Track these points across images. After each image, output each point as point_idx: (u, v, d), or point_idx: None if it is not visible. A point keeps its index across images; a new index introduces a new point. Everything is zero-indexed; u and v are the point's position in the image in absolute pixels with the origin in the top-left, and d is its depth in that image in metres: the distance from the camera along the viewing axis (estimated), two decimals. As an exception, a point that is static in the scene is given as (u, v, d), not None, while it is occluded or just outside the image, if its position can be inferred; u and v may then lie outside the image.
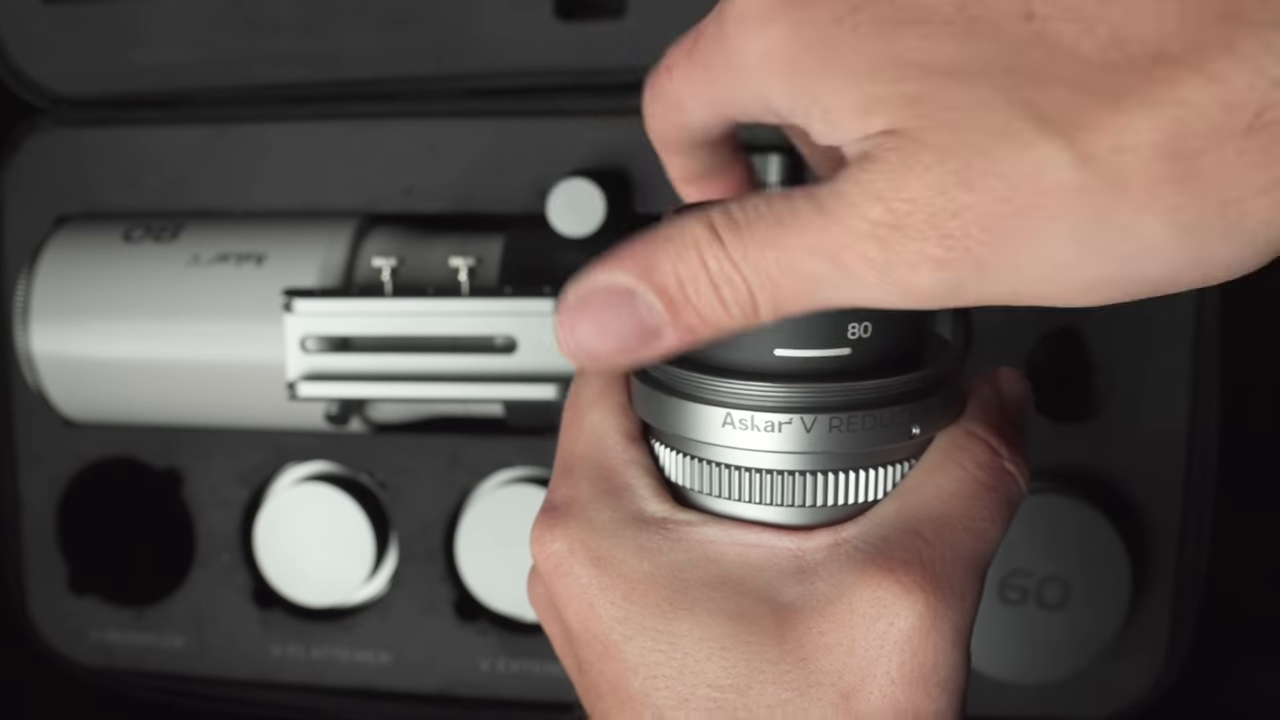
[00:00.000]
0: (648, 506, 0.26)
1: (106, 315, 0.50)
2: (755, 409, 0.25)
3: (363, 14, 0.51)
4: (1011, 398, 0.29)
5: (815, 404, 0.25)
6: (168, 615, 0.55)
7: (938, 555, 0.25)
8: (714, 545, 0.25)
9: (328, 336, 0.47)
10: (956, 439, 0.26)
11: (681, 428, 0.26)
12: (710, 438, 0.26)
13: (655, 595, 0.25)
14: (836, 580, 0.24)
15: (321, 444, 0.52)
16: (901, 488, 0.26)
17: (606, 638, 0.25)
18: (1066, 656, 0.48)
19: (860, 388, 0.25)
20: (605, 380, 0.29)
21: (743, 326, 0.23)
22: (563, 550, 0.26)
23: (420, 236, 0.51)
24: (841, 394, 0.25)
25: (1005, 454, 0.26)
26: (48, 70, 0.54)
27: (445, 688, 0.53)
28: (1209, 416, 0.48)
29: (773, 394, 0.25)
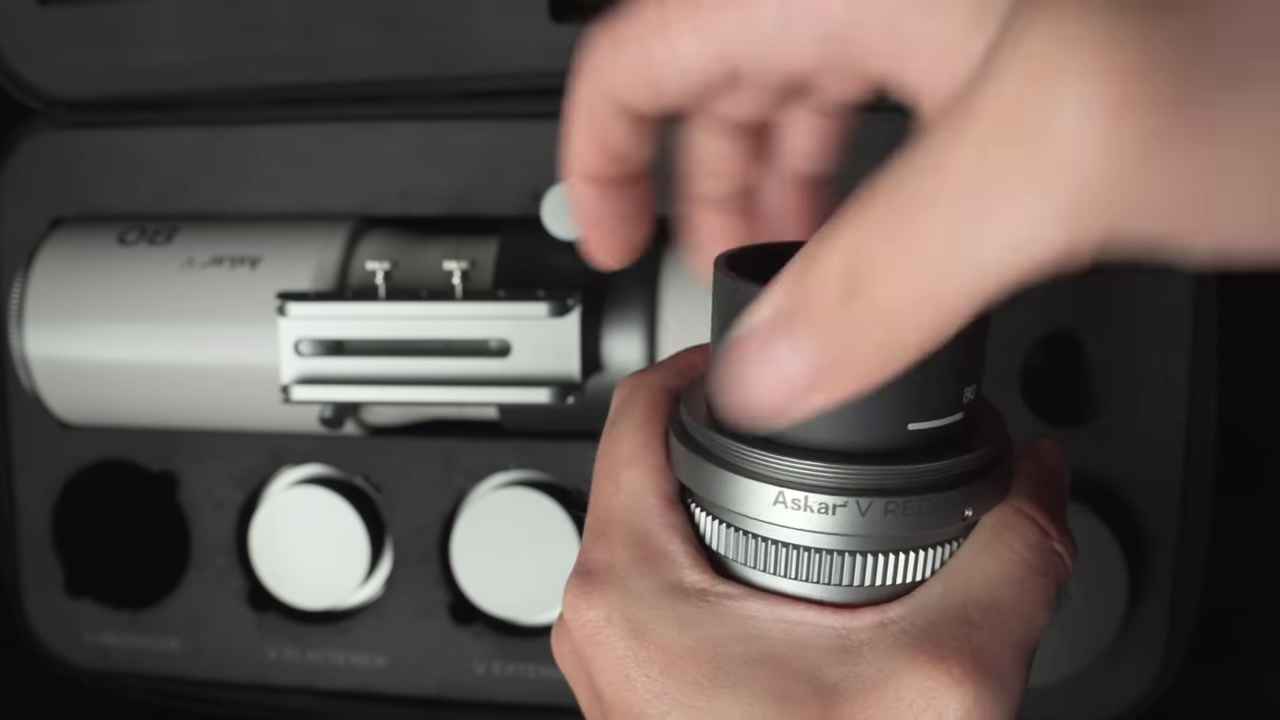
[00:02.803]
0: (687, 576, 0.25)
1: (101, 318, 0.50)
2: (810, 489, 0.24)
3: (357, 16, 0.51)
4: (1053, 469, 0.28)
5: (872, 487, 0.24)
6: (163, 618, 0.55)
7: (987, 643, 0.23)
8: (757, 621, 0.24)
9: (321, 340, 0.47)
10: (1005, 518, 0.25)
11: (728, 500, 0.25)
12: (759, 514, 0.24)
13: (695, 670, 0.24)
14: (883, 664, 0.23)
15: (316, 447, 0.52)
16: (949, 567, 0.25)
17: (642, 712, 0.24)
18: (1063, 660, 0.48)
19: (918, 471, 0.24)
20: (643, 436, 0.27)
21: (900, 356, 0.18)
22: (599, 619, 0.25)
23: (415, 239, 0.51)
24: (898, 477, 0.24)
25: (1054, 533, 0.25)
26: (43, 72, 0.54)
27: (440, 691, 0.53)
28: (1206, 420, 0.48)
29: (829, 475, 0.24)
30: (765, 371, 0.19)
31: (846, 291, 0.18)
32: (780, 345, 0.19)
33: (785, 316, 0.19)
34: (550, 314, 0.45)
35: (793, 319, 0.18)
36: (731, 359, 0.19)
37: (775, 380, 0.19)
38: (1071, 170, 0.15)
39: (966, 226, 0.16)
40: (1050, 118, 0.15)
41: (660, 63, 0.23)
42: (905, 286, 0.17)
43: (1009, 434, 0.27)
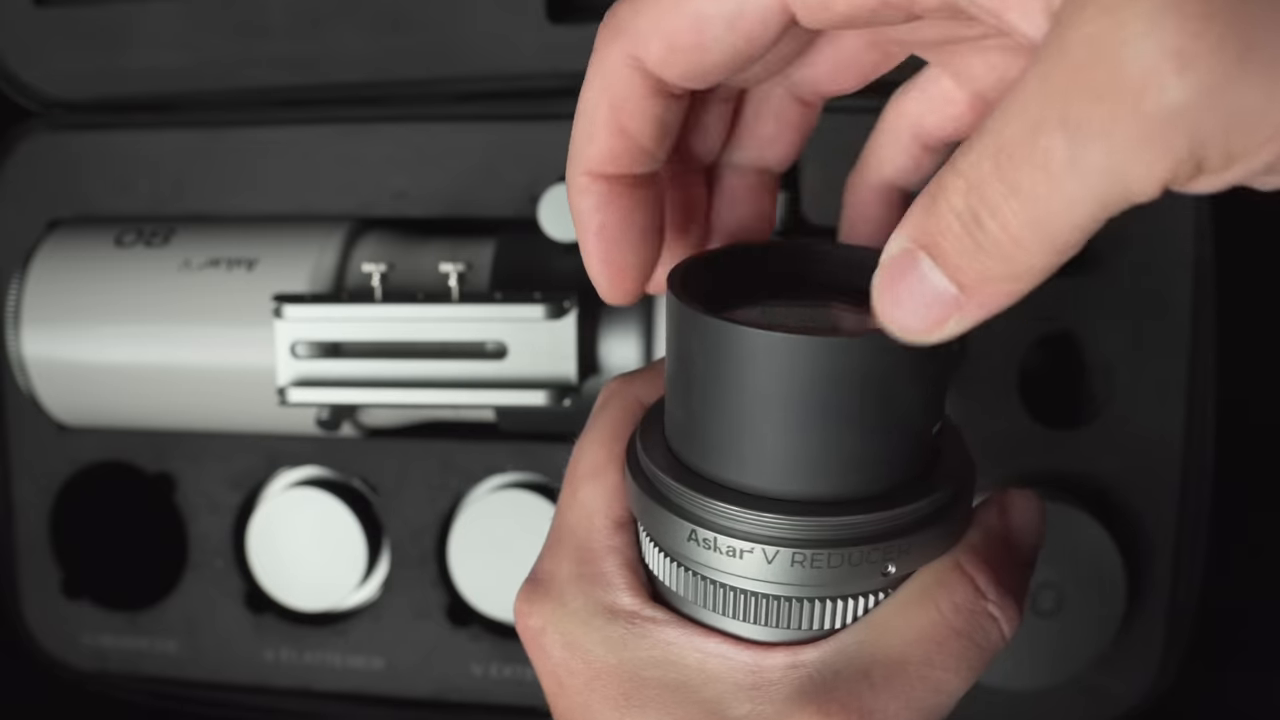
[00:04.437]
0: (620, 599, 0.26)
1: (98, 320, 0.50)
2: (718, 531, 0.24)
3: (354, 18, 0.51)
4: (1020, 527, 0.26)
5: (779, 537, 0.23)
6: (161, 620, 0.55)
7: (880, 705, 0.23)
8: (675, 648, 0.25)
9: (318, 342, 0.47)
10: (941, 573, 0.24)
11: (653, 530, 0.25)
12: (677, 547, 0.25)
13: (614, 689, 0.25)
14: (781, 706, 0.23)
15: (313, 449, 0.52)
16: (872, 617, 0.24)
17: (569, 715, 0.26)
18: (1060, 663, 0.47)
19: (831, 524, 0.23)
20: (606, 452, 0.27)
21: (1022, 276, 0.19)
22: (537, 627, 0.26)
23: (411, 241, 0.51)
24: (810, 529, 0.23)
25: (992, 595, 0.24)
26: (40, 74, 0.54)
27: (438, 693, 0.53)
28: (1205, 422, 0.48)
29: (737, 519, 0.23)
30: (909, 294, 0.20)
31: (967, 228, 0.18)
32: (915, 274, 0.20)
33: (912, 253, 0.20)
34: (547, 316, 0.45)
35: (918, 255, 0.20)
36: (881, 283, 0.20)
37: (920, 302, 0.20)
38: (1149, 104, 0.16)
39: (1064, 165, 0.17)
40: (1126, 60, 0.16)
41: (709, 9, 0.22)
42: (1019, 222, 0.18)
43: (968, 481, 0.25)
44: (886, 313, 0.20)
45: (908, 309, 0.20)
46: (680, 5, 0.22)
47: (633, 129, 0.24)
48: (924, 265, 0.19)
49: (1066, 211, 0.18)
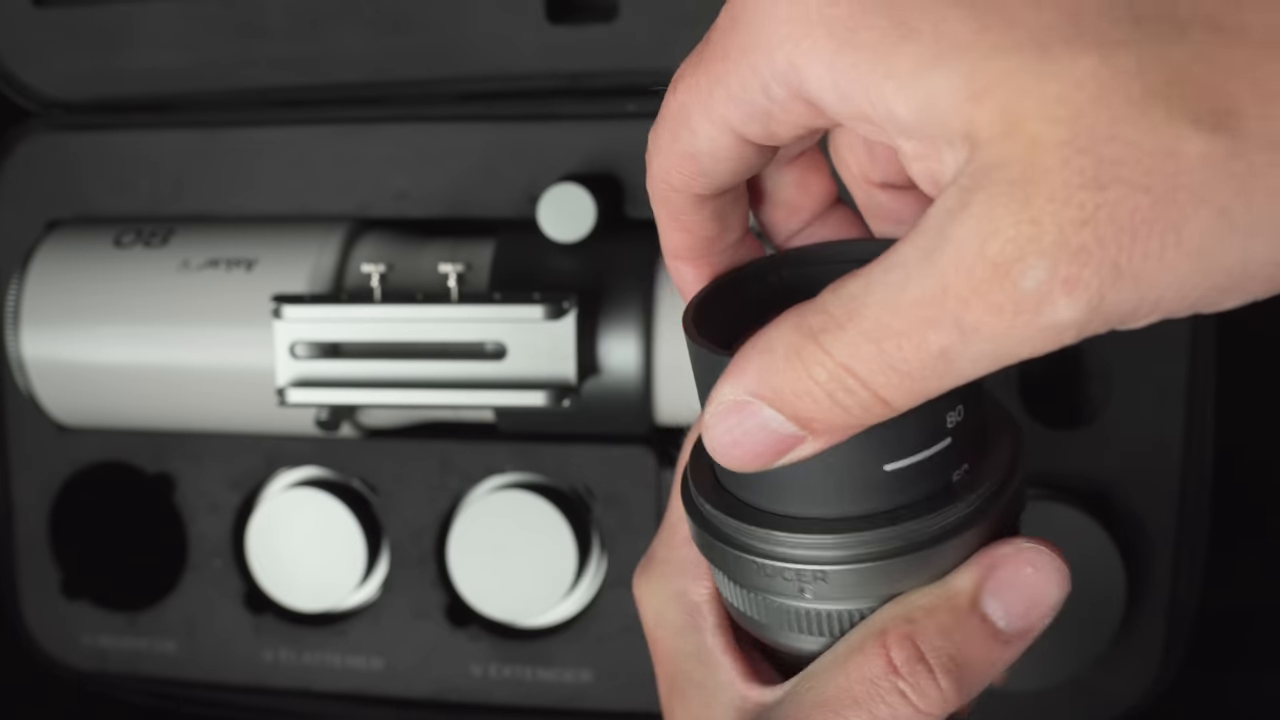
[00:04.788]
0: (692, 589, 0.28)
1: (97, 320, 0.50)
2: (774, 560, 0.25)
3: (353, 18, 0.51)
4: (1012, 595, 0.24)
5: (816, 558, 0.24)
6: (160, 620, 0.55)
7: None
8: (710, 654, 0.27)
9: (317, 342, 0.47)
10: (864, 636, 0.24)
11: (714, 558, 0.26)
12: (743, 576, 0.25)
13: (668, 666, 0.28)
14: None
15: (313, 449, 0.52)
16: (813, 665, 0.25)
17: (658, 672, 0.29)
18: (1060, 664, 0.47)
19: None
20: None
21: (882, 420, 0.21)
22: (639, 597, 0.29)
23: (411, 241, 0.51)
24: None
25: (906, 673, 0.23)
26: (39, 74, 0.54)
27: (437, 693, 0.53)
28: (1204, 423, 0.48)
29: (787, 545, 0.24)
30: (748, 438, 0.21)
31: (830, 394, 0.20)
32: (756, 421, 0.21)
33: (751, 405, 0.21)
34: (546, 316, 0.45)
35: (759, 406, 0.21)
36: (714, 425, 0.22)
37: (761, 445, 0.21)
38: (1044, 320, 0.18)
39: (952, 355, 0.19)
40: (1023, 280, 0.18)
41: (691, 148, 0.23)
42: (893, 393, 0.20)
43: (942, 516, 0.23)
44: (721, 452, 0.22)
45: (745, 450, 0.21)
46: (674, 146, 0.23)
47: (693, 226, 0.25)
48: (766, 413, 0.21)
49: (941, 385, 0.20)
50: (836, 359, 0.20)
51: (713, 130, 0.22)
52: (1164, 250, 0.18)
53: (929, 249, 0.19)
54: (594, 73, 0.50)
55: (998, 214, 0.18)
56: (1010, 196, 0.18)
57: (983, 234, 0.18)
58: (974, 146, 0.18)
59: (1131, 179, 0.17)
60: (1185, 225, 0.17)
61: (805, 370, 0.20)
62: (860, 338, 0.19)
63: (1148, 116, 0.17)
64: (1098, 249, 0.18)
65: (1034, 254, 0.18)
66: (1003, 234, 0.18)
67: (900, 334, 0.19)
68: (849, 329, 0.20)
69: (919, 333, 0.19)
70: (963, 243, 0.18)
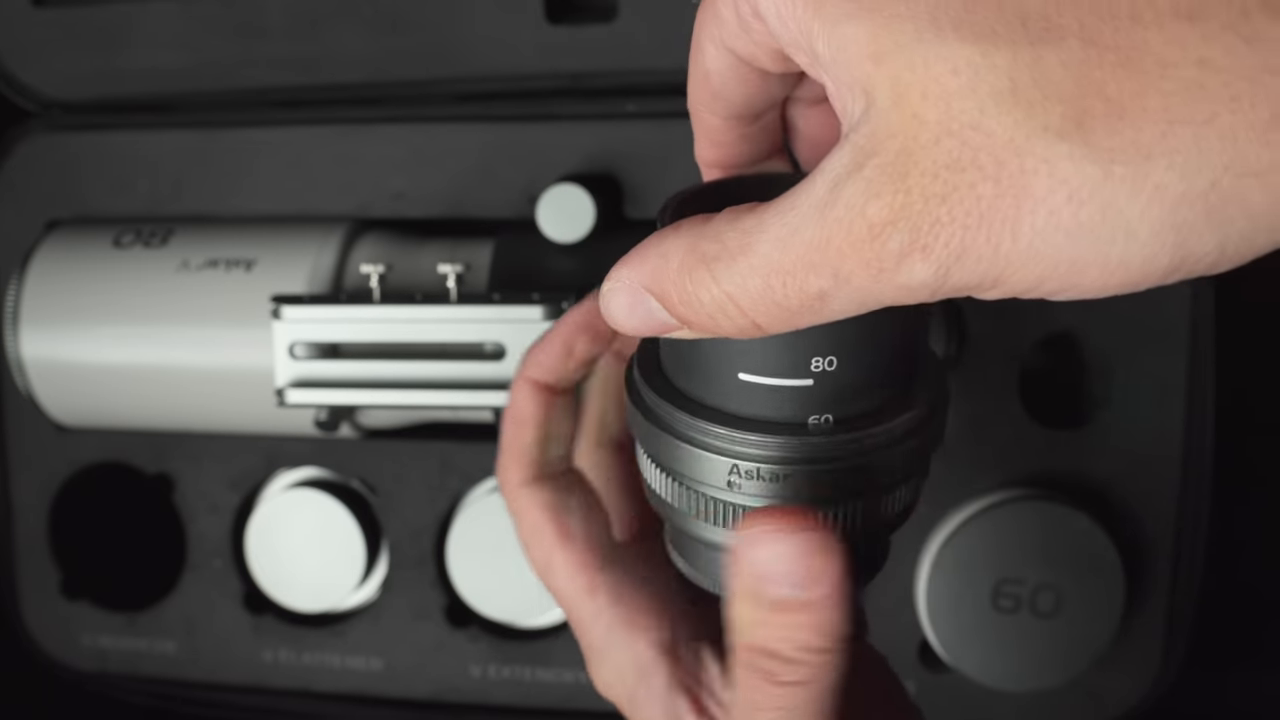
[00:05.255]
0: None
1: (96, 320, 0.50)
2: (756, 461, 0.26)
3: (353, 18, 0.51)
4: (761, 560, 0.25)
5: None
6: (160, 620, 0.55)
7: None
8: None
9: (316, 343, 0.47)
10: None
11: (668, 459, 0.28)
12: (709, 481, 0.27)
13: None
14: None
15: (312, 450, 0.52)
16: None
17: None
18: (1059, 665, 0.47)
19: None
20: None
21: (752, 337, 0.23)
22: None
23: (410, 242, 0.51)
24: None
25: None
26: (38, 74, 0.54)
27: (436, 694, 0.53)
28: (1204, 422, 0.48)
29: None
30: (636, 316, 0.24)
31: (711, 315, 0.23)
32: (643, 307, 0.24)
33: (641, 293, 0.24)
34: (545, 317, 0.45)
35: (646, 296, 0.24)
36: (610, 300, 0.25)
37: (646, 324, 0.24)
38: (902, 278, 0.20)
39: (826, 297, 0.21)
40: (889, 242, 0.20)
41: (703, 67, 0.26)
42: (769, 321, 0.22)
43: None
44: (618, 321, 0.24)
45: (637, 322, 0.24)
46: (694, 67, 0.26)
47: (725, 146, 0.29)
48: (653, 304, 0.24)
49: (814, 321, 0.22)
50: (723, 288, 0.22)
51: (714, 49, 0.25)
52: (1001, 240, 0.19)
53: (823, 203, 0.21)
54: (593, 73, 0.50)
55: (882, 181, 0.20)
56: (894, 166, 0.20)
57: (867, 196, 0.20)
58: (870, 104, 0.20)
59: (985, 167, 0.19)
60: (1021, 221, 0.19)
61: (693, 290, 0.22)
62: (749, 270, 0.22)
63: (1009, 113, 0.19)
64: (949, 224, 0.19)
65: (902, 219, 0.20)
66: (882, 199, 0.20)
67: (786, 272, 0.21)
68: (740, 261, 0.22)
69: (802, 274, 0.21)
70: (850, 201, 0.20)
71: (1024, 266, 0.19)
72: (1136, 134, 0.18)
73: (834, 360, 0.25)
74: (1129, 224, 0.18)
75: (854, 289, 0.21)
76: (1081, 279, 0.19)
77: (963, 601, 0.47)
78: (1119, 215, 0.18)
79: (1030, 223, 0.19)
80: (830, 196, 0.20)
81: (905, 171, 0.19)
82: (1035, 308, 0.49)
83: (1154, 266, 0.19)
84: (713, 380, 0.26)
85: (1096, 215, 0.19)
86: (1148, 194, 0.18)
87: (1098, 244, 0.19)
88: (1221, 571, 0.50)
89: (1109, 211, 0.18)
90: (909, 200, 0.19)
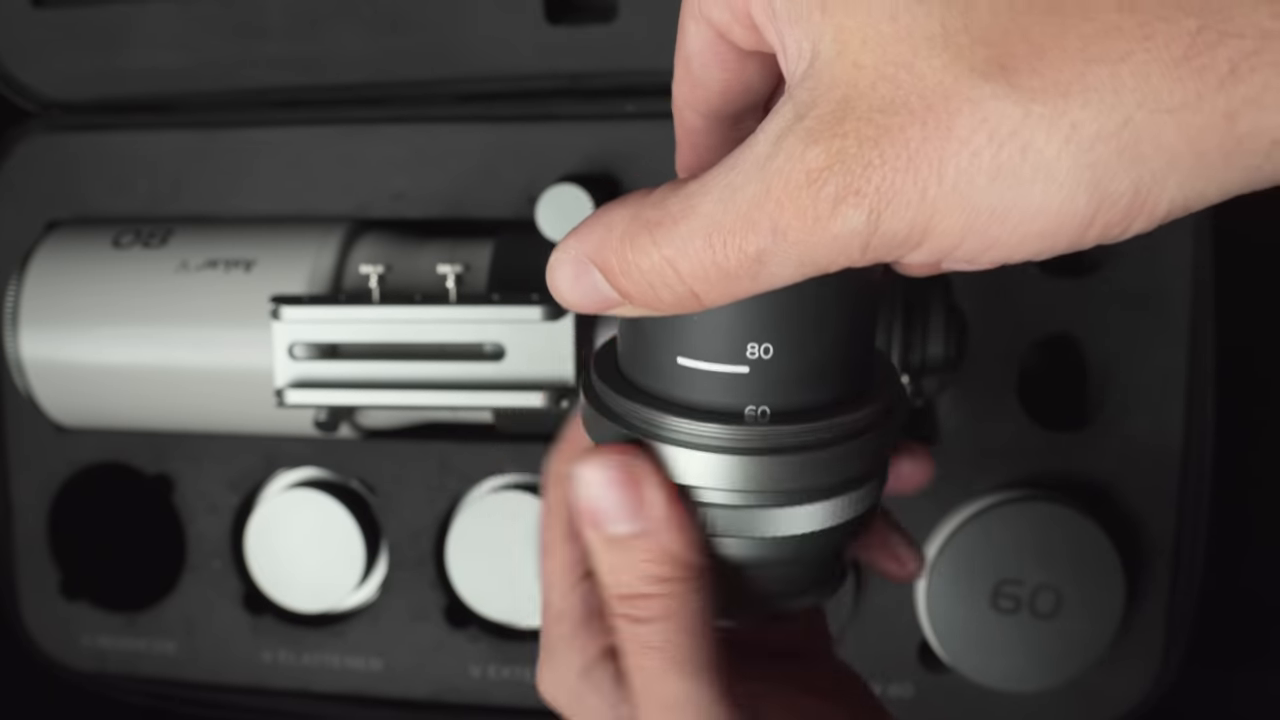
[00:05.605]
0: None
1: (96, 321, 0.50)
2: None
3: (352, 19, 0.51)
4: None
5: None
6: (159, 621, 0.55)
7: None
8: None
9: (316, 343, 0.47)
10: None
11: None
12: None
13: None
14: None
15: (311, 450, 0.52)
16: None
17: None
18: (1059, 665, 0.47)
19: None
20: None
21: (689, 313, 0.24)
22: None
23: (409, 242, 0.51)
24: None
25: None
26: (38, 75, 0.54)
27: (436, 694, 0.53)
28: (1204, 423, 0.48)
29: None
30: (580, 288, 0.24)
31: (650, 282, 0.23)
32: (587, 279, 0.24)
33: (586, 265, 0.23)
34: (544, 317, 0.45)
35: (590, 268, 0.23)
36: (556, 271, 0.24)
37: (589, 297, 0.24)
38: (836, 228, 0.20)
39: (765, 257, 0.21)
40: (824, 189, 0.20)
41: (685, 51, 0.26)
42: (709, 288, 0.22)
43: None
44: (563, 294, 0.24)
45: (580, 296, 0.24)
46: (678, 56, 0.27)
47: (704, 152, 0.29)
48: (596, 277, 0.23)
49: (753, 287, 0.22)
50: (663, 251, 0.22)
51: (694, 27, 0.26)
52: (928, 184, 0.19)
53: (764, 156, 0.21)
54: (593, 73, 0.50)
55: (820, 129, 0.20)
56: (834, 114, 0.20)
57: (806, 144, 0.20)
58: (815, 58, 0.21)
59: (915, 110, 0.19)
60: (946, 163, 0.19)
61: (633, 257, 0.22)
62: (690, 233, 0.22)
63: (939, 56, 0.19)
64: (880, 166, 0.19)
65: (838, 164, 0.20)
66: (820, 144, 0.20)
67: (727, 231, 0.21)
68: (681, 225, 0.22)
69: (742, 231, 0.21)
70: (791, 150, 0.20)
71: (949, 214, 0.20)
72: (1056, 74, 0.18)
73: (770, 348, 0.25)
74: (1047, 164, 0.19)
75: (791, 244, 0.21)
76: (1002, 229, 0.20)
77: (962, 602, 0.47)
78: (1038, 155, 0.19)
79: (955, 164, 0.19)
80: (772, 150, 0.21)
81: (843, 117, 0.20)
82: (1035, 308, 0.49)
83: (1071, 210, 0.19)
84: (653, 366, 0.26)
85: (1016, 155, 0.19)
86: (1064, 132, 0.18)
87: (1018, 186, 0.19)
88: (1222, 572, 0.50)
89: (1028, 151, 0.19)
90: (844, 145, 0.20)
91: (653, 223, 0.22)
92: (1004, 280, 0.48)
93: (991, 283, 0.48)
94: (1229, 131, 0.18)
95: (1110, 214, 0.19)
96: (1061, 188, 0.19)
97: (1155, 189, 0.19)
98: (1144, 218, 0.19)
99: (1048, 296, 0.48)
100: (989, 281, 0.48)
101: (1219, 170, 0.19)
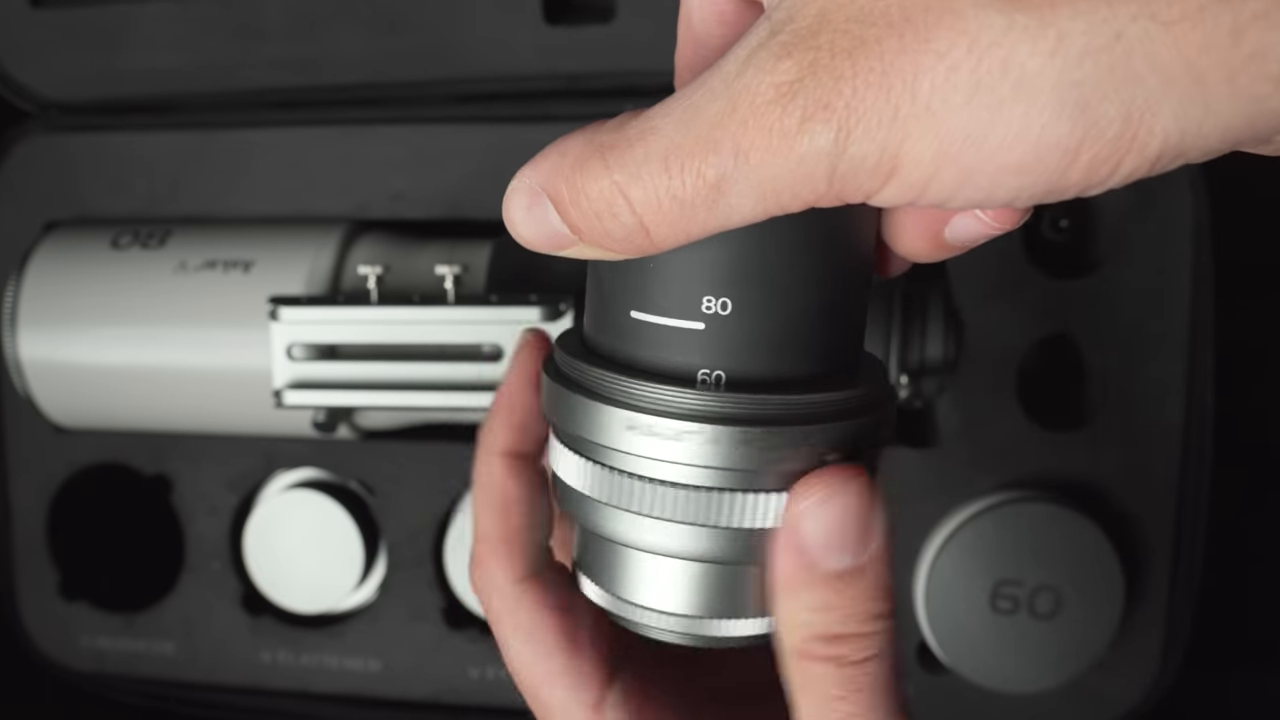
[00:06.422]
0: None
1: (95, 322, 0.50)
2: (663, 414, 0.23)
3: (351, 19, 0.51)
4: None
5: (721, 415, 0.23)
6: (158, 621, 0.55)
7: None
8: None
9: (314, 344, 0.47)
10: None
11: (578, 428, 0.24)
12: (608, 442, 0.24)
13: None
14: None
15: (310, 450, 0.52)
16: None
17: None
18: (1058, 666, 0.47)
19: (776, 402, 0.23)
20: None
21: (642, 255, 0.22)
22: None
23: (408, 243, 0.51)
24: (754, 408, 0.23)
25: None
26: (36, 75, 0.54)
27: (434, 695, 0.53)
28: (1203, 424, 0.48)
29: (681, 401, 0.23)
30: (534, 220, 0.22)
31: (599, 216, 0.21)
32: (541, 210, 0.22)
33: (539, 195, 0.22)
34: (543, 318, 0.45)
35: (543, 199, 0.22)
36: (511, 202, 0.22)
37: (543, 230, 0.22)
38: (803, 147, 0.19)
39: (724, 183, 0.20)
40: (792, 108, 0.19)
41: (690, 21, 0.26)
42: (659, 222, 0.21)
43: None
44: (516, 226, 0.22)
45: (533, 230, 0.22)
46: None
47: (683, 39, 0.28)
48: (548, 208, 0.21)
49: (707, 223, 0.20)
50: (614, 176, 0.20)
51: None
52: (901, 102, 0.18)
53: (733, 74, 0.20)
54: (592, 74, 0.50)
55: (794, 42, 0.19)
56: (810, 27, 0.19)
57: (778, 57, 0.19)
58: None
59: (893, 22, 0.18)
60: (920, 78, 0.18)
61: (582, 182, 0.21)
62: (646, 156, 0.20)
63: None
64: (851, 78, 0.18)
65: (809, 76, 0.19)
66: (793, 57, 0.19)
67: (686, 153, 0.20)
68: (637, 147, 0.20)
69: (702, 153, 0.20)
70: (761, 64, 0.19)
71: (922, 137, 0.18)
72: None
73: (728, 302, 0.22)
74: (1029, 81, 0.17)
75: (752, 168, 0.19)
76: (977, 156, 0.18)
77: (961, 603, 0.47)
78: (1019, 69, 0.17)
79: (930, 79, 0.18)
80: (741, 68, 0.19)
81: (819, 30, 0.19)
82: (1034, 308, 0.49)
83: (1054, 138, 0.18)
84: (609, 321, 0.24)
85: (996, 70, 0.17)
86: (1049, 44, 0.17)
87: (996, 106, 0.18)
88: (1221, 572, 0.50)
89: (1009, 66, 0.17)
90: (818, 56, 0.19)
91: (606, 145, 0.20)
92: (1004, 280, 0.48)
93: (991, 283, 0.48)
94: (1233, 49, 0.16)
95: (1097, 145, 0.18)
96: (1043, 110, 0.17)
97: (1148, 116, 0.17)
98: (1134, 154, 0.18)
99: (1047, 296, 0.48)
100: (989, 281, 0.48)
101: (1220, 100, 0.17)
